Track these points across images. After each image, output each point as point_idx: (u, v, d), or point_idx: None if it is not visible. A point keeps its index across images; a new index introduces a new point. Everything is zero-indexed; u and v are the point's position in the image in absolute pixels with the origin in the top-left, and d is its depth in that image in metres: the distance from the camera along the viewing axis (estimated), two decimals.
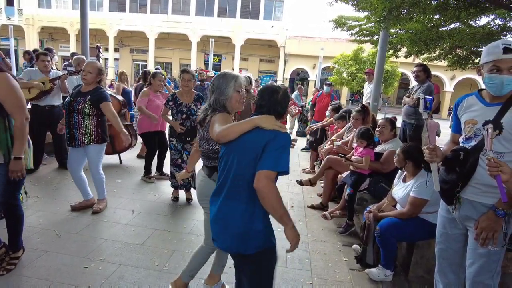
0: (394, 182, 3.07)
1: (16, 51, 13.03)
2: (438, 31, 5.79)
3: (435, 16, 5.63)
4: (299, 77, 29.03)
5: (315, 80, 22.10)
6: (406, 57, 8.66)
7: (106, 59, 24.82)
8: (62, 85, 4.71)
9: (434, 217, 2.59)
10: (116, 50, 28.41)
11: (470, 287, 1.92)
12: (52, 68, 4.86)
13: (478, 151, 1.84)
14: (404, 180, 2.92)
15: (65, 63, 8.25)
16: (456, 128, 2.11)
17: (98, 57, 5.18)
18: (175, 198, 4.17)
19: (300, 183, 4.43)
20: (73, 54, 7.25)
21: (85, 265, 2.65)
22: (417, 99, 2.12)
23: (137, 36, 27.80)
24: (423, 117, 2.12)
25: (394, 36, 7.74)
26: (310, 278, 2.77)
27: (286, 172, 1.61)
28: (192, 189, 4.13)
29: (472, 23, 5.81)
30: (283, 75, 26.46)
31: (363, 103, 6.53)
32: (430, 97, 2.16)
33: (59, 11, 27.76)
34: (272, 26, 25.93)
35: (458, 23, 5.76)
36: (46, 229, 3.17)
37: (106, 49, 25.35)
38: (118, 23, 26.92)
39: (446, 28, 6.04)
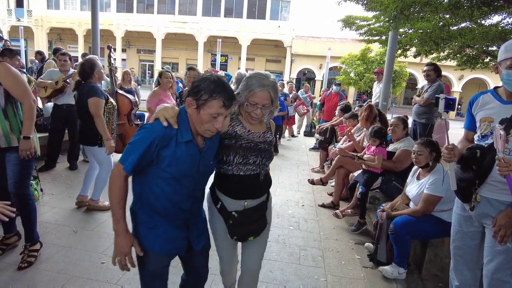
0: (408, 180, 3.07)
1: (25, 51, 13.17)
2: (449, 30, 5.76)
3: (446, 15, 5.61)
4: (305, 77, 28.99)
5: (322, 80, 22.08)
6: (415, 56, 8.62)
7: (114, 59, 25.01)
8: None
9: (448, 215, 2.60)
10: (123, 50, 28.63)
11: (489, 284, 1.92)
12: (71, 68, 4.96)
13: (495, 149, 1.84)
14: (418, 178, 2.92)
15: (75, 63, 8.36)
16: (470, 126, 2.11)
17: (110, 57, 5.23)
18: None
19: (312, 182, 4.46)
20: (84, 55, 7.34)
21: (102, 261, 2.70)
22: (436, 98, 2.11)
23: (144, 36, 27.99)
24: (442, 117, 2.12)
25: (403, 35, 7.72)
26: (324, 275, 2.79)
27: (122, 163, 1.46)
28: None
29: (483, 22, 5.77)
30: (290, 75, 26.45)
31: (372, 103, 6.53)
32: (454, 97, 2.16)
33: (67, 12, 28.06)
34: (279, 26, 25.95)
35: (468, 22, 5.72)
36: (63, 225, 3.23)
37: (114, 49, 25.56)
38: (125, 23, 27.14)
39: (457, 27, 6.00)
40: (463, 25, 6.00)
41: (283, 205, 4.29)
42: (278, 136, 8.23)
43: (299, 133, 10.24)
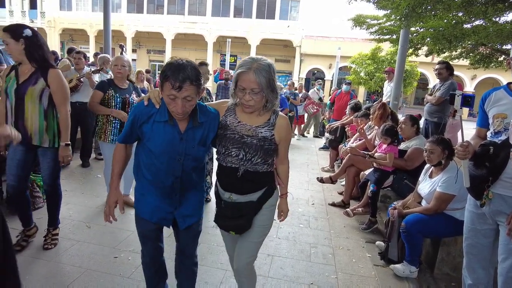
0: (420, 179, 3.05)
1: None
2: (463, 28, 5.67)
3: (459, 13, 5.53)
4: (315, 77, 28.88)
5: (331, 80, 21.97)
6: (426, 55, 8.51)
7: None
8: (91, 82, 4.86)
9: (461, 214, 2.57)
10: (133, 51, 28.90)
11: (504, 283, 1.90)
12: (86, 66, 5.07)
13: (509, 145, 1.82)
14: (430, 176, 2.90)
15: (88, 63, 8.48)
16: (483, 123, 2.09)
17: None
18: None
19: (321, 180, 4.45)
20: (96, 54, 7.45)
21: (115, 255, 2.75)
22: (451, 95, 2.09)
23: (154, 37, 28.22)
24: (458, 113, 2.10)
25: (415, 34, 7.63)
26: (334, 273, 2.79)
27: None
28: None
29: (498, 19, 5.66)
30: (299, 75, 26.37)
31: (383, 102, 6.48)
32: (472, 93, 2.13)
33: (79, 13, 28.45)
34: (288, 26, 25.90)
35: (482, 20, 5.62)
36: (77, 221, 3.29)
37: (125, 49, 25.85)
38: (135, 24, 27.41)
39: (470, 25, 5.90)
40: (476, 23, 5.90)
41: (293, 203, 4.30)
42: None
43: (308, 133, 10.21)
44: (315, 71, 28.35)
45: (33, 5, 28.78)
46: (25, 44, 2.40)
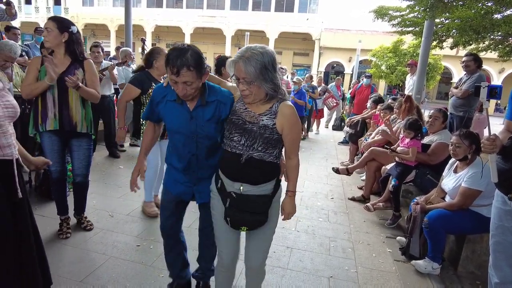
0: (444, 173, 2.96)
1: None
2: (492, 19, 5.40)
3: (489, 3, 5.28)
4: (334, 71, 28.47)
5: (351, 74, 21.60)
6: (451, 48, 8.19)
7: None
8: (111, 76, 4.96)
9: (488, 210, 2.49)
10: (153, 45, 29.24)
11: None
12: (104, 59, 5.15)
13: None
14: (455, 171, 2.82)
15: (110, 57, 8.65)
16: None
17: (143, 49, 5.40)
18: None
19: (336, 171, 4.39)
20: (118, 48, 7.59)
21: (137, 244, 2.82)
22: (476, 87, 2.01)
23: (173, 31, 28.47)
24: (484, 106, 2.02)
25: (440, 26, 7.36)
26: (354, 267, 2.76)
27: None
28: None
29: None
30: (318, 68, 26.06)
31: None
32: (499, 84, 2.05)
33: (100, 9, 29.03)
34: (307, 19, 25.56)
35: None
36: (100, 210, 3.38)
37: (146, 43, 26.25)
38: (155, 18, 27.72)
39: (501, 15, 5.62)
40: (508, 12, 5.62)
41: (311, 197, 4.27)
42: (305, 128, 8.18)
43: (327, 128, 10.10)
44: (335, 65, 27.94)
45: (57, 1, 29.54)
46: (68, 38, 2.53)
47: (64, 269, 2.38)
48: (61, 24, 2.51)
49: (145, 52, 5.30)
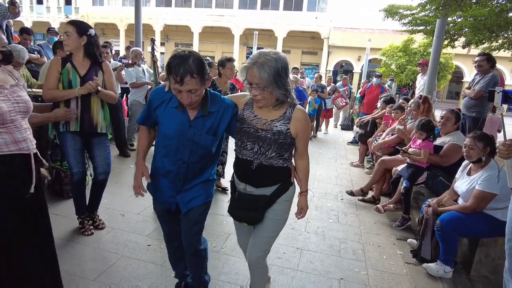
0: (457, 176, 2.92)
1: None
2: (507, 17, 5.29)
3: (502, 1, 5.20)
4: (343, 69, 28.27)
5: (360, 72, 21.41)
6: (463, 47, 8.09)
7: (157, 51, 25.91)
8: (119, 76, 4.99)
9: (503, 214, 2.46)
10: (161, 44, 29.42)
11: None
12: (113, 59, 5.19)
13: None
14: (469, 173, 2.77)
15: (120, 56, 8.72)
16: None
17: (153, 49, 5.41)
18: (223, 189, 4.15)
19: (351, 193, 4.22)
20: (128, 47, 7.65)
21: (148, 243, 2.84)
22: (490, 92, 1.98)
23: (182, 30, 28.56)
24: (498, 111, 1.99)
25: (452, 24, 7.25)
26: (365, 269, 2.74)
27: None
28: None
29: None
30: (326, 67, 25.90)
31: (416, 96, 6.25)
32: None
33: (110, 8, 29.27)
34: (316, 18, 25.42)
35: None
36: (111, 209, 3.41)
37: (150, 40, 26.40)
38: (164, 17, 27.83)
39: None
40: None
41: (321, 198, 4.26)
42: (314, 128, 8.14)
43: (335, 127, 10.04)
44: (343, 63, 27.75)
45: (68, 1, 29.89)
46: (87, 41, 2.59)
47: (77, 268, 2.41)
48: (80, 27, 2.57)
49: (155, 52, 5.34)
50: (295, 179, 1.87)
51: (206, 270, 2.16)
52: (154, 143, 1.93)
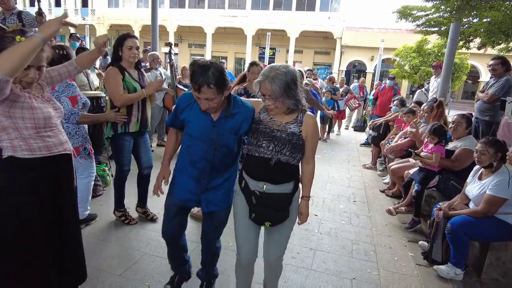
0: (468, 180, 2.98)
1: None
2: None
3: None
4: (355, 70, 28.10)
5: (373, 73, 21.27)
6: (479, 48, 8.00)
7: (175, 54, 26.27)
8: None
9: None
10: (175, 45, 29.72)
11: None
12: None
13: None
14: (480, 178, 2.83)
15: None
16: None
17: (170, 53, 5.57)
18: None
19: (389, 212, 3.81)
20: (145, 51, 7.85)
21: None
22: (502, 102, 2.04)
23: (195, 31, 28.87)
24: (509, 121, 2.05)
25: (466, 26, 7.20)
26: (376, 270, 2.83)
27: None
28: None
29: None
30: (339, 68, 25.81)
31: (429, 98, 6.26)
32: None
33: (125, 10, 29.82)
34: (329, 18, 25.35)
35: None
36: (133, 208, 3.57)
37: (167, 44, 26.75)
38: (177, 18, 28.19)
39: None
40: None
41: (334, 200, 4.35)
42: (326, 130, 8.20)
43: (347, 128, 10.06)
44: (356, 63, 27.59)
45: (84, 3, 30.59)
46: None
47: (104, 263, 2.58)
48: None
49: (172, 55, 5.50)
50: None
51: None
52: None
